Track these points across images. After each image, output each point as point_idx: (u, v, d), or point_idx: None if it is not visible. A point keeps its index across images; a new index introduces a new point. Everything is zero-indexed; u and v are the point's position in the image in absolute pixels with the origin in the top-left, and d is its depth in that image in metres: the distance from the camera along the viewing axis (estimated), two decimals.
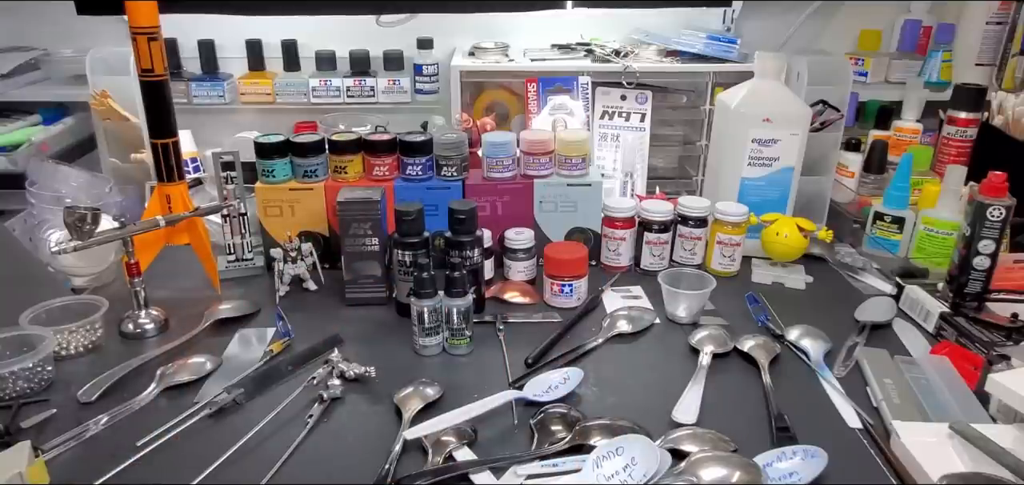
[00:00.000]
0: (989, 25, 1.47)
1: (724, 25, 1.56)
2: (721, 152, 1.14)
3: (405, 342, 0.88)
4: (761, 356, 0.83)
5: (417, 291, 0.83)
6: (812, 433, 0.70)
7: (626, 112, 1.31)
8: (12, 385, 0.76)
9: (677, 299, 0.93)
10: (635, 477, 0.61)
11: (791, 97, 1.09)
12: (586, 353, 0.86)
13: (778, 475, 0.63)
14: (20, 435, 0.70)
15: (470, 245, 0.91)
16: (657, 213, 1.06)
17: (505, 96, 1.43)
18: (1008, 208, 0.87)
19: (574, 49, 1.47)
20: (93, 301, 0.88)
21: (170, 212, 0.92)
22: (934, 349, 0.85)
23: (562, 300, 0.98)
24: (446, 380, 0.79)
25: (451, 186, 1.04)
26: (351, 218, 0.93)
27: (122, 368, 0.81)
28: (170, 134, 0.92)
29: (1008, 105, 1.30)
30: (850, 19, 1.61)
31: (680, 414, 0.73)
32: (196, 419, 0.73)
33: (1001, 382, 0.68)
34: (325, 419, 0.74)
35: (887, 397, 0.75)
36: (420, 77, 1.46)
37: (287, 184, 1.03)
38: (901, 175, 1.11)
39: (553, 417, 0.72)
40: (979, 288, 0.91)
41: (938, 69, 1.52)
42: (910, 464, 0.65)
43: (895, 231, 1.12)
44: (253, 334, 0.91)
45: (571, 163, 1.05)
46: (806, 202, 1.17)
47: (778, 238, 1.06)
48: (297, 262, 0.99)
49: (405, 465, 0.67)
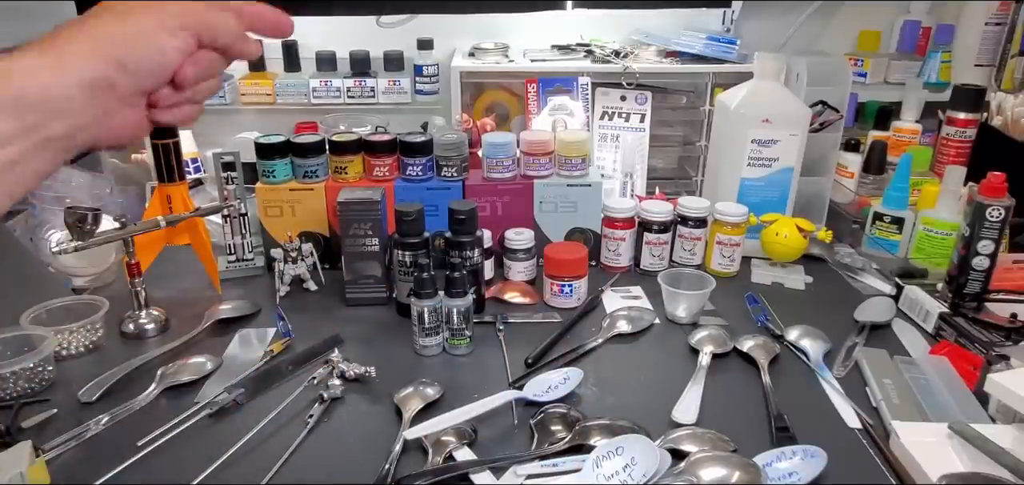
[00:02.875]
0: (988, 26, 1.47)
1: (724, 26, 1.56)
2: (721, 153, 1.15)
3: (405, 342, 0.88)
4: (761, 356, 0.83)
5: (417, 291, 0.83)
6: (812, 433, 0.70)
7: (626, 113, 1.31)
8: (13, 385, 0.77)
9: (677, 299, 0.93)
10: (635, 477, 0.61)
11: (790, 98, 1.09)
12: (586, 353, 0.86)
13: (778, 475, 0.63)
14: (21, 435, 0.70)
15: (470, 245, 0.91)
16: (657, 213, 1.06)
17: (505, 97, 1.43)
18: (1007, 208, 0.87)
19: (574, 50, 1.47)
20: (94, 301, 0.88)
21: (171, 212, 0.93)
22: (933, 349, 0.86)
23: (562, 300, 0.98)
24: (446, 380, 0.79)
25: (451, 186, 1.04)
26: (351, 218, 0.93)
27: (123, 368, 0.81)
28: (171, 135, 0.92)
29: (1007, 106, 1.30)
30: (849, 20, 1.61)
31: (680, 414, 0.73)
32: (196, 419, 0.73)
33: (1000, 382, 0.68)
34: (325, 419, 0.74)
35: (886, 397, 0.75)
36: (420, 78, 1.46)
37: (287, 184, 1.04)
38: (900, 176, 1.12)
39: (553, 417, 0.72)
40: (978, 288, 0.91)
41: (937, 70, 1.53)
42: (909, 464, 0.65)
43: (894, 231, 1.12)
44: (253, 334, 0.91)
45: (571, 163, 1.06)
46: (806, 202, 1.17)
47: (778, 238, 1.06)
48: (297, 262, 0.99)
49: (405, 465, 0.67)
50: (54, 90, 0.41)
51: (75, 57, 0.41)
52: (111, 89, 0.43)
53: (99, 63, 0.42)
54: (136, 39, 0.44)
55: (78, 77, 0.41)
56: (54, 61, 0.41)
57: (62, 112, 0.41)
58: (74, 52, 0.42)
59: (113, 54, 0.42)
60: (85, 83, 0.42)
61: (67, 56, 0.41)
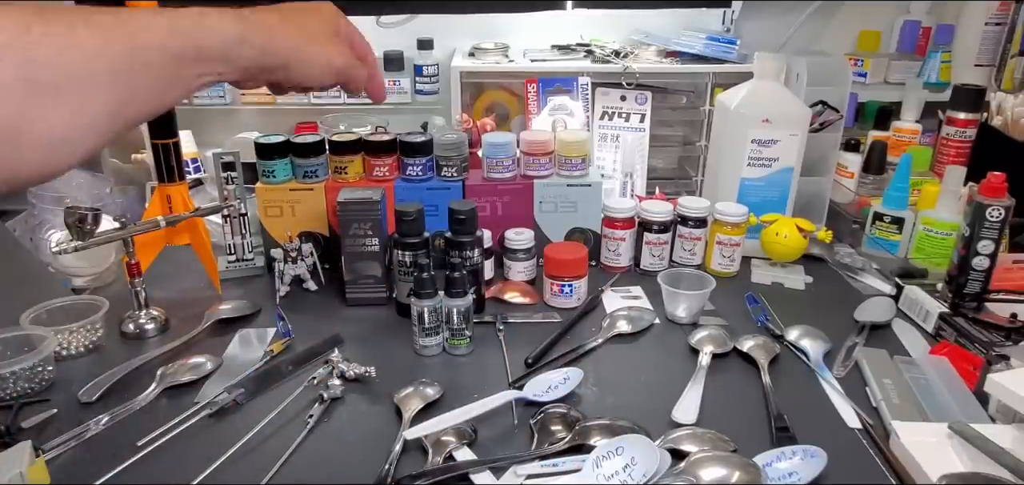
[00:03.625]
0: (988, 26, 1.47)
1: (724, 26, 1.56)
2: (721, 153, 1.15)
3: (405, 342, 0.88)
4: (761, 356, 0.83)
5: (417, 291, 0.83)
6: (811, 433, 0.70)
7: (626, 113, 1.31)
8: (13, 385, 0.77)
9: (677, 299, 0.93)
10: (635, 477, 0.61)
11: (790, 98, 1.09)
12: (586, 353, 0.86)
13: (778, 475, 0.63)
14: (21, 435, 0.70)
15: (470, 245, 0.92)
16: (657, 213, 1.06)
17: (505, 97, 1.43)
18: (1007, 208, 0.87)
19: (574, 50, 1.47)
20: (94, 301, 0.88)
21: (171, 212, 0.93)
22: (933, 349, 0.86)
23: (562, 300, 0.98)
24: (446, 380, 0.79)
25: (451, 186, 1.04)
26: (351, 218, 0.93)
27: (123, 368, 0.81)
28: (171, 135, 0.92)
29: (1007, 106, 1.30)
30: (849, 20, 1.61)
31: (680, 414, 0.73)
32: (196, 419, 0.73)
33: (1000, 382, 0.68)
34: (325, 419, 0.74)
35: (886, 397, 0.75)
36: (420, 78, 1.46)
37: (287, 184, 1.04)
38: (900, 175, 1.12)
39: (553, 417, 0.72)
40: (978, 288, 0.91)
41: (937, 70, 1.53)
42: (909, 464, 0.65)
43: (894, 231, 1.12)
44: (253, 334, 0.91)
45: (571, 163, 1.06)
46: (805, 202, 1.17)
47: (777, 238, 1.06)
48: (297, 262, 0.99)
49: (405, 465, 0.67)
50: (232, 50, 0.52)
51: (259, 36, 0.53)
52: (269, 74, 0.56)
53: (271, 59, 0.54)
54: (306, 58, 0.57)
55: (252, 55, 0.53)
56: (245, 29, 0.53)
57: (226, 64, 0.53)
58: (261, 34, 0.54)
59: (284, 58, 0.55)
60: (253, 64, 0.53)
61: (251, 35, 0.53)
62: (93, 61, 0.43)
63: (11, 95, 0.40)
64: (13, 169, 0.42)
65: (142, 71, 0.47)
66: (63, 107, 0.43)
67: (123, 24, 0.46)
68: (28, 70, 0.40)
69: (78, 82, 0.43)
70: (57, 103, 0.42)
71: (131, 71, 0.46)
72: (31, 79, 0.41)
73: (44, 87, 0.41)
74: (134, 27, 0.47)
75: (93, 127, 0.45)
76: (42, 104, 0.41)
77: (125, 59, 0.46)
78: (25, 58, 0.40)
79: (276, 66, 0.55)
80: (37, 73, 0.41)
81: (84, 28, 0.43)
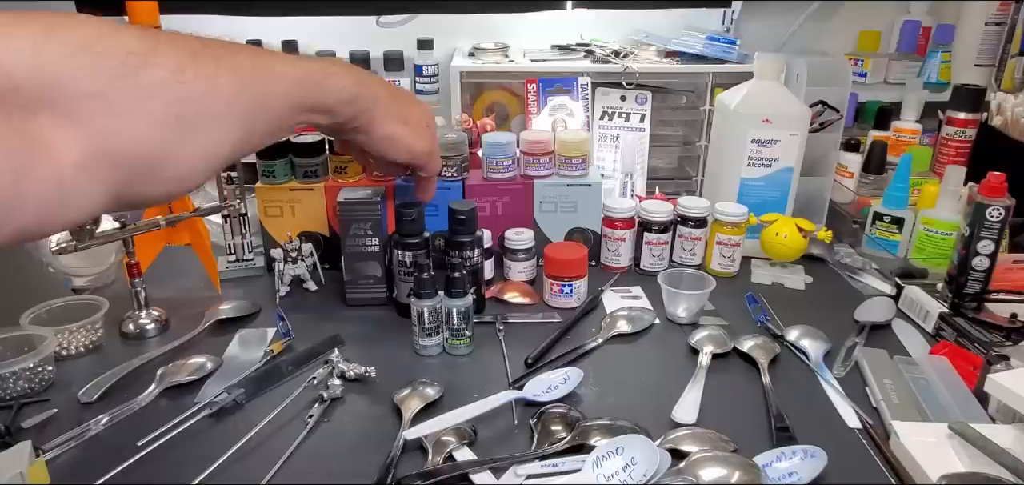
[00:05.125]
0: (988, 26, 1.47)
1: (724, 26, 1.56)
2: (721, 153, 1.15)
3: (405, 342, 0.88)
4: (761, 356, 0.83)
5: (417, 291, 0.83)
6: (812, 433, 0.70)
7: (626, 113, 1.31)
8: (13, 385, 0.77)
9: (677, 299, 0.93)
10: (635, 477, 0.61)
11: (790, 98, 1.09)
12: (586, 353, 0.86)
13: (778, 475, 0.63)
14: (21, 435, 0.70)
15: (470, 245, 0.92)
16: (657, 213, 1.06)
17: (505, 97, 1.43)
18: (1007, 208, 0.87)
19: (574, 50, 1.47)
20: (94, 301, 0.88)
21: (170, 212, 0.92)
22: (933, 349, 0.86)
23: (562, 300, 0.98)
24: (446, 380, 0.79)
25: (451, 186, 1.04)
26: (351, 218, 0.93)
27: (123, 368, 0.81)
28: None
29: (1007, 106, 1.30)
30: (849, 20, 1.61)
31: (680, 414, 0.73)
32: (196, 419, 0.73)
33: (1000, 382, 0.68)
34: (325, 419, 0.74)
35: (886, 397, 0.75)
36: (420, 78, 1.46)
37: (287, 184, 1.04)
38: (900, 176, 1.12)
39: (553, 417, 0.72)
40: (978, 288, 0.91)
41: (937, 70, 1.53)
42: (909, 464, 0.65)
43: (894, 231, 1.12)
44: (253, 334, 0.91)
45: (571, 163, 1.06)
46: (806, 202, 1.17)
47: (777, 238, 1.06)
48: (297, 262, 0.99)
49: (405, 465, 0.67)
50: (342, 107, 0.60)
51: (367, 98, 0.63)
52: (358, 134, 0.66)
53: (363, 118, 0.64)
54: (394, 140, 0.68)
55: (352, 112, 0.62)
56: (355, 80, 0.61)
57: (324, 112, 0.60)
58: (369, 96, 0.63)
59: (372, 116, 0.64)
60: (348, 120, 0.62)
61: (362, 97, 0.62)
62: (231, 103, 0.46)
63: (161, 129, 0.42)
64: (143, 196, 0.44)
65: (265, 115, 0.50)
66: (199, 142, 0.45)
67: (259, 68, 0.49)
68: (177, 108, 0.43)
69: (215, 120, 0.46)
70: (195, 138, 0.44)
71: (257, 114, 0.49)
72: (179, 116, 0.43)
73: (187, 123, 0.44)
74: (269, 73, 0.50)
75: (217, 160, 0.47)
76: (184, 139, 0.44)
77: (256, 103, 0.49)
78: (177, 97, 0.42)
79: (363, 125, 0.63)
80: (184, 110, 0.43)
81: (227, 71, 0.46)
